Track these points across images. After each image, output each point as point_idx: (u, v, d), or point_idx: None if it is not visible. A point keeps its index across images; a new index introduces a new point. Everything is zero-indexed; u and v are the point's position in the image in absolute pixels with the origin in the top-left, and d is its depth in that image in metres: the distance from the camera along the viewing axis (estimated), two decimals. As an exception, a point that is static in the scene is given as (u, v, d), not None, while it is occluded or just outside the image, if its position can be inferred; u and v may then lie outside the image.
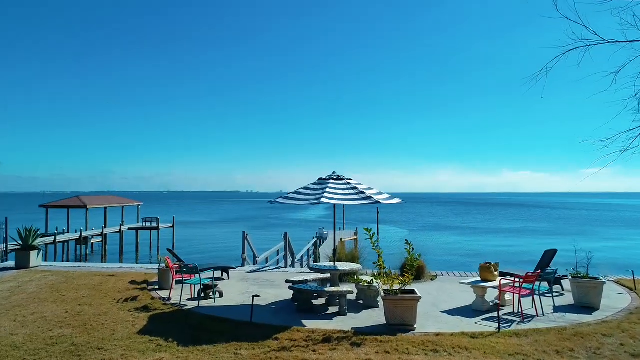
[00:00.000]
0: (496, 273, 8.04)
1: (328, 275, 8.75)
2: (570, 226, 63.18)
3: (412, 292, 6.86)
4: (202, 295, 8.70)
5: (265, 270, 12.18)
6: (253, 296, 6.90)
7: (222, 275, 11.22)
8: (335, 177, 8.21)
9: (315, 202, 7.23)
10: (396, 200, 7.98)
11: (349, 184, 8.05)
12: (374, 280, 6.95)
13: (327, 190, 7.60)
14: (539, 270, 8.22)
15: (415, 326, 6.66)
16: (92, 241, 37.39)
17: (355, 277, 7.42)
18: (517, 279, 7.67)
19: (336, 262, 8.54)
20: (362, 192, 7.64)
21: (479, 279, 8.20)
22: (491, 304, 7.99)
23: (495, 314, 7.43)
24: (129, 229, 40.31)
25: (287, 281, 8.49)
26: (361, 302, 8.34)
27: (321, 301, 8.38)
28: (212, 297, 8.62)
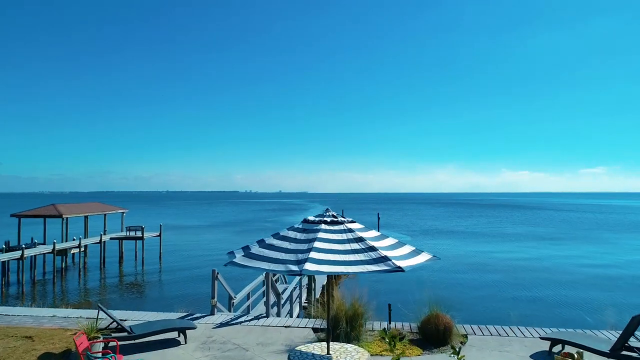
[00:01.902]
0: (582, 370, 5.16)
1: None
2: (577, 230, 60.33)
3: None
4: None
5: (240, 323, 9.28)
6: None
7: (178, 336, 8.34)
8: (328, 220, 5.24)
9: (295, 269, 4.33)
10: (425, 258, 5.06)
11: (350, 230, 5.09)
12: None
13: (316, 245, 4.67)
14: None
15: None
16: (72, 251, 34.36)
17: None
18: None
19: (330, 343, 5.62)
20: (372, 248, 4.70)
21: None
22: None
23: None
24: (112, 238, 37.31)
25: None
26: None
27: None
28: (144, 396, 5.73)
